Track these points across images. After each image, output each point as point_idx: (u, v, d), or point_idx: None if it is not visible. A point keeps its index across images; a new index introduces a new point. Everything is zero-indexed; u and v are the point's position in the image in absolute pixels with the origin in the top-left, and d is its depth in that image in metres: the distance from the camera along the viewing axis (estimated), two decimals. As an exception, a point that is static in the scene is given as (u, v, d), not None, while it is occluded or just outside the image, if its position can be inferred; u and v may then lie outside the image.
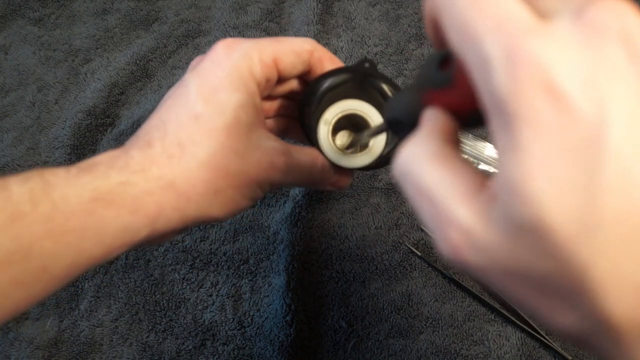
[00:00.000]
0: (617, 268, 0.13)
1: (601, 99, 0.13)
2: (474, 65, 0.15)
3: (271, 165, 0.28)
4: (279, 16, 0.53)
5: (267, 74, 0.29)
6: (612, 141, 0.13)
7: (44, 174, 0.24)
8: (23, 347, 0.43)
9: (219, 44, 0.29)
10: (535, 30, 0.14)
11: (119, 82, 0.51)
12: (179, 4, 0.54)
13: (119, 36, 0.53)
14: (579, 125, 0.13)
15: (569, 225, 0.13)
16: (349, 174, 0.34)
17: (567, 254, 0.13)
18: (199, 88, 0.27)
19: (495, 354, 0.42)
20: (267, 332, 0.43)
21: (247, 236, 0.46)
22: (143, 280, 0.45)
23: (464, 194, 0.16)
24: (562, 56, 0.13)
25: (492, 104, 0.14)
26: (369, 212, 0.46)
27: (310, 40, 0.32)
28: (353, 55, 0.51)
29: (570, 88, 0.13)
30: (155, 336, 0.44)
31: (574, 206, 0.13)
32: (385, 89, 0.32)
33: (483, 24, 0.15)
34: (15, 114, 0.51)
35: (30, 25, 0.54)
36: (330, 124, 0.32)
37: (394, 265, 0.44)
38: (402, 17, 0.52)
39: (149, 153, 0.26)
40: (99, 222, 0.24)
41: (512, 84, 0.13)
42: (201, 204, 0.27)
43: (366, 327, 0.43)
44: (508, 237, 0.14)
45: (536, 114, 0.13)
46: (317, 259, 0.45)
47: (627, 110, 0.13)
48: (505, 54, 0.14)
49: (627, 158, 0.13)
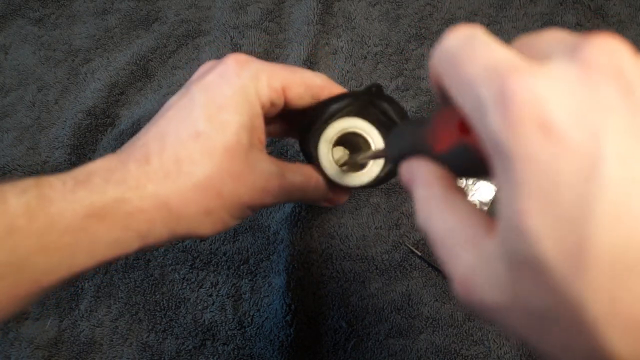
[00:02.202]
0: (614, 304, 0.13)
1: (595, 133, 0.13)
2: (471, 111, 0.15)
3: (264, 189, 0.28)
4: (279, 16, 0.53)
5: (274, 99, 0.29)
6: (606, 176, 0.13)
7: (40, 185, 0.24)
8: (23, 347, 0.44)
9: (231, 58, 0.29)
10: (527, 70, 0.14)
11: (119, 82, 0.51)
12: (179, 4, 0.54)
13: (119, 36, 0.53)
14: (572, 161, 0.13)
15: (564, 261, 0.13)
16: (346, 192, 0.34)
17: (563, 290, 0.13)
18: (204, 104, 0.27)
19: (495, 354, 0.42)
20: (267, 332, 0.43)
21: (247, 236, 0.46)
22: (143, 280, 0.45)
23: (469, 239, 0.17)
24: (554, 92, 0.14)
25: (490, 145, 0.15)
26: (369, 212, 0.46)
27: (323, 76, 0.31)
28: (353, 55, 0.51)
29: (563, 123, 0.13)
30: (155, 336, 0.44)
31: (569, 241, 0.13)
32: (388, 109, 0.32)
33: (476, 70, 0.15)
34: (15, 114, 0.51)
35: (30, 25, 0.54)
36: (331, 142, 0.32)
37: (394, 265, 0.44)
38: (402, 17, 0.52)
39: (145, 170, 0.26)
40: (91, 237, 0.24)
41: (506, 123, 0.14)
42: (191, 223, 0.27)
43: (366, 327, 0.43)
44: (509, 273, 0.15)
45: (530, 150, 0.13)
46: (317, 259, 0.45)
47: (620, 145, 0.13)
48: (497, 94, 0.14)
49: (620, 193, 0.13)
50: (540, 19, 0.51)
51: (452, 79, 0.16)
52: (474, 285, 0.16)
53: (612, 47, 0.14)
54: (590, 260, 0.13)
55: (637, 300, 0.13)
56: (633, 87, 0.13)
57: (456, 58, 0.16)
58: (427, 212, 0.19)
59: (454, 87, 0.16)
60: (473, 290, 0.16)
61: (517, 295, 0.15)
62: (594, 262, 0.13)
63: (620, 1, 0.51)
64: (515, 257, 0.14)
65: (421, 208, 0.19)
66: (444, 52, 0.17)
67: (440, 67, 0.17)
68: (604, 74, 0.14)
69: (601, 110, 0.13)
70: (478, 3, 0.52)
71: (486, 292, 0.16)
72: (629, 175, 0.13)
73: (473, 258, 0.16)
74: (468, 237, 0.17)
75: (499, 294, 0.15)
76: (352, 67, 0.50)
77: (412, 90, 0.49)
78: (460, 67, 0.16)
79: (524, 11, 0.51)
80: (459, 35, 0.17)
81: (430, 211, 0.19)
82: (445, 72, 0.17)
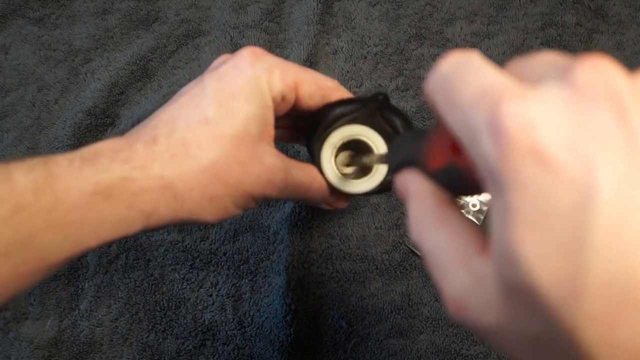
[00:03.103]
0: (608, 334, 0.13)
1: (589, 160, 0.13)
2: (464, 136, 0.15)
3: (269, 181, 0.28)
4: (279, 16, 0.53)
5: (285, 93, 0.29)
6: (600, 205, 0.12)
7: (47, 163, 0.24)
8: (23, 347, 0.44)
9: (246, 49, 0.29)
10: (518, 94, 0.14)
11: (119, 82, 0.51)
12: (179, 4, 0.54)
13: (119, 36, 0.53)
14: (566, 188, 0.13)
15: (558, 290, 0.13)
16: (347, 198, 0.34)
17: (557, 319, 0.13)
18: (216, 92, 0.27)
19: (495, 354, 0.42)
20: (267, 332, 0.43)
21: (247, 236, 0.46)
22: (143, 280, 0.45)
23: (461, 257, 0.16)
24: (547, 117, 0.13)
25: (483, 170, 0.14)
26: (369, 212, 0.46)
27: (335, 81, 0.32)
28: (353, 55, 0.51)
29: (556, 149, 0.13)
30: (155, 336, 0.44)
31: (562, 270, 0.13)
32: (395, 120, 0.32)
33: (468, 95, 0.15)
34: (15, 114, 0.51)
35: (30, 25, 0.54)
36: (335, 147, 0.32)
37: (394, 265, 0.44)
38: (402, 17, 0.52)
39: (152, 150, 0.26)
40: (97, 216, 0.24)
41: (498, 149, 0.13)
42: (194, 208, 0.27)
43: (366, 327, 0.43)
44: (501, 298, 0.15)
45: (523, 177, 0.13)
46: (317, 259, 0.45)
47: (615, 172, 0.13)
48: (488, 119, 0.14)
49: (615, 222, 0.12)
50: (540, 19, 0.51)
51: (445, 104, 0.16)
52: (467, 306, 0.16)
53: (604, 69, 0.13)
54: (585, 291, 0.13)
55: (632, 331, 0.13)
56: (627, 111, 0.13)
57: (449, 83, 0.16)
58: (420, 228, 0.18)
59: (447, 112, 0.16)
60: (465, 310, 0.16)
61: (510, 320, 0.15)
62: (589, 292, 0.13)
63: (620, 1, 0.51)
64: (509, 284, 0.14)
65: (414, 223, 0.19)
66: (438, 78, 0.17)
67: (433, 93, 0.17)
68: (597, 98, 0.13)
69: (595, 136, 0.13)
70: (478, 3, 0.52)
71: (479, 314, 0.15)
72: (623, 204, 0.12)
73: (465, 278, 0.16)
74: (460, 254, 0.17)
75: (491, 317, 0.15)
76: (352, 67, 0.50)
77: (412, 90, 0.49)
78: (452, 92, 0.16)
79: (524, 11, 0.51)
80: (452, 60, 0.17)
81: (422, 226, 0.18)
82: (439, 97, 0.17)
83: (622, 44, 0.50)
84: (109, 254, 0.46)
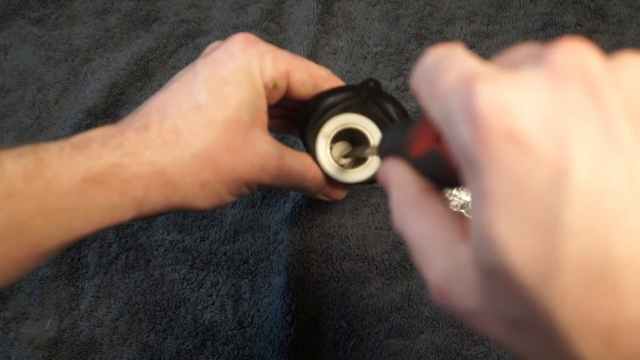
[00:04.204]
0: (584, 312, 0.13)
1: (563, 139, 0.13)
2: (442, 122, 0.15)
3: (262, 167, 0.28)
4: (279, 16, 0.53)
5: (277, 80, 0.29)
6: (575, 182, 0.12)
7: (37, 150, 0.24)
8: (23, 347, 0.44)
9: (238, 35, 0.29)
10: (492, 78, 0.14)
11: (119, 82, 0.51)
12: (179, 4, 0.54)
13: (119, 36, 0.53)
14: (540, 167, 0.13)
15: (532, 269, 0.13)
16: (343, 188, 0.34)
17: (534, 298, 0.13)
18: (207, 78, 0.27)
19: (495, 354, 0.42)
20: (267, 332, 0.43)
21: (247, 236, 0.46)
22: (143, 280, 0.45)
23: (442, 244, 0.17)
24: (521, 98, 0.13)
25: (459, 154, 0.15)
26: (369, 212, 0.46)
27: (328, 70, 0.32)
28: (353, 55, 0.51)
29: (530, 130, 0.13)
30: (155, 336, 0.44)
31: (537, 250, 0.13)
32: (389, 107, 0.32)
33: (447, 83, 0.15)
34: (15, 114, 0.51)
35: (30, 25, 0.54)
36: (329, 137, 0.32)
37: (394, 265, 0.44)
38: (402, 17, 0.52)
39: (144, 137, 0.26)
40: (89, 202, 0.24)
41: (473, 131, 0.14)
42: (187, 194, 0.27)
43: (366, 327, 0.43)
44: (480, 281, 0.15)
45: (498, 158, 0.13)
46: (317, 259, 0.45)
47: (589, 150, 0.13)
48: (464, 104, 0.14)
49: (589, 201, 0.12)
50: (540, 19, 0.51)
51: (427, 93, 0.16)
52: (448, 291, 0.16)
53: (578, 50, 0.14)
54: (560, 270, 0.13)
55: (606, 309, 0.13)
56: (601, 90, 0.13)
57: (430, 74, 0.16)
58: (402, 216, 0.19)
59: (428, 101, 0.16)
60: (448, 296, 0.16)
61: (489, 302, 0.15)
62: (563, 272, 0.13)
63: (620, 1, 0.51)
64: (486, 266, 0.14)
65: (396, 211, 0.19)
66: (422, 70, 0.17)
67: (417, 85, 0.17)
68: (571, 78, 0.13)
69: (569, 116, 0.13)
70: (478, 3, 0.52)
71: (460, 299, 0.16)
72: (598, 183, 0.12)
73: (447, 264, 0.16)
74: (442, 242, 0.17)
75: (472, 300, 0.15)
76: (352, 67, 0.50)
77: (412, 90, 0.49)
78: (433, 81, 0.16)
79: (524, 11, 0.51)
80: (435, 53, 0.17)
81: (404, 215, 0.18)
82: (422, 88, 0.17)
83: (622, 44, 0.50)
84: (109, 254, 0.46)
